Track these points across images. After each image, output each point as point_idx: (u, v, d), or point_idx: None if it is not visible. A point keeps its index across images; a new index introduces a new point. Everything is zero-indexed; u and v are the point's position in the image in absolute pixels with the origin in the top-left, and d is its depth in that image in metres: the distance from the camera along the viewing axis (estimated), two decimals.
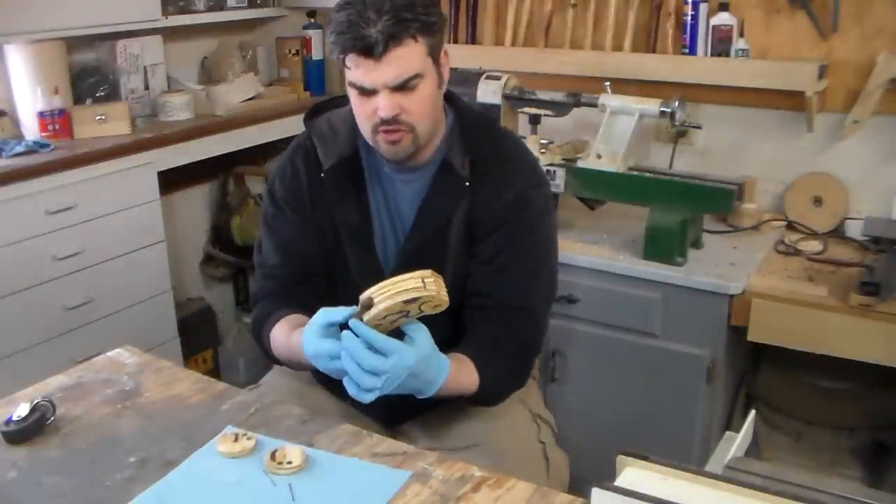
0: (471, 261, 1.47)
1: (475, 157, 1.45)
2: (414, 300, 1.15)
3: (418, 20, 1.29)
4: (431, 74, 1.36)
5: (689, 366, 2.13)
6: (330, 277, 1.54)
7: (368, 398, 1.19)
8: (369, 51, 1.28)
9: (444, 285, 1.18)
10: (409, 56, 1.30)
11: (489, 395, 1.41)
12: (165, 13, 2.85)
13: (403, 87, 1.32)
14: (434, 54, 1.36)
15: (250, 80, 3.15)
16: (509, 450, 1.46)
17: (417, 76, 1.32)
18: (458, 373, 1.30)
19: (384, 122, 1.35)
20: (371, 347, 1.16)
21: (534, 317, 1.48)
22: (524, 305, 1.46)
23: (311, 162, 1.51)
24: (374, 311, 1.15)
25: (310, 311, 1.32)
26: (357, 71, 1.32)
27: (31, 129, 2.57)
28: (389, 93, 1.32)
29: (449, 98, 1.50)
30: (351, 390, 1.20)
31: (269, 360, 1.53)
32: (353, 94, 1.37)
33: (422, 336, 1.21)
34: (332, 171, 1.48)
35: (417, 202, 1.47)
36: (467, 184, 1.44)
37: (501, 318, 1.44)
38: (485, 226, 1.45)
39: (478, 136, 1.47)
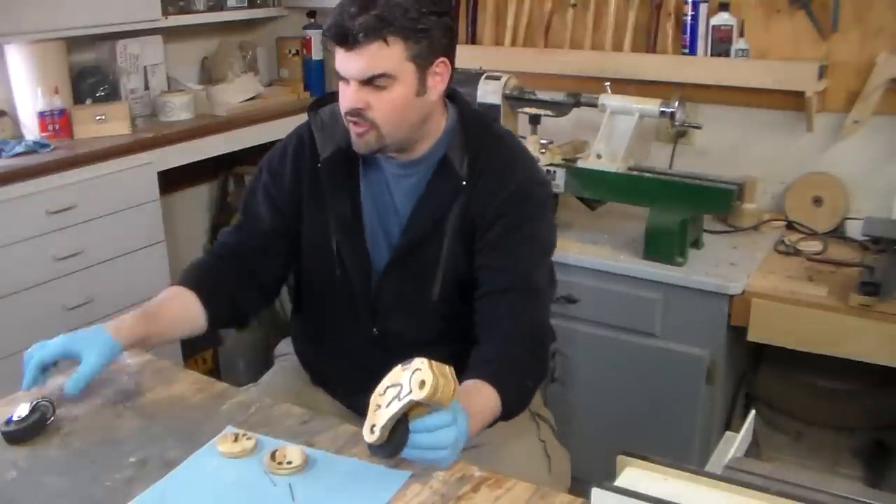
0: (469, 257, 1.46)
1: (473, 156, 1.45)
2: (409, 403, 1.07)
3: (402, 24, 1.31)
4: (408, 81, 1.35)
5: (689, 366, 2.13)
6: (305, 267, 1.56)
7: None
8: (344, 40, 1.31)
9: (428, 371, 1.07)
10: (381, 55, 1.31)
11: (515, 408, 1.36)
12: (165, 13, 2.85)
13: (371, 83, 1.34)
14: (420, 62, 1.35)
15: (250, 80, 3.15)
16: (510, 449, 1.46)
17: (385, 76, 1.33)
18: (477, 413, 1.23)
19: (348, 112, 1.38)
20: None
21: (542, 300, 1.47)
22: (531, 287, 1.44)
23: (303, 153, 1.52)
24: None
25: (233, 289, 1.48)
26: (336, 57, 1.36)
27: (31, 129, 2.57)
28: (357, 85, 1.35)
29: (451, 96, 1.50)
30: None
31: None
32: (338, 78, 1.40)
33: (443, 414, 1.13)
34: (329, 161, 1.49)
35: (413, 198, 1.47)
36: (464, 182, 1.45)
37: (510, 301, 1.41)
38: (486, 218, 1.45)
39: (476, 135, 1.48)
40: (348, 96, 1.36)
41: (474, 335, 1.43)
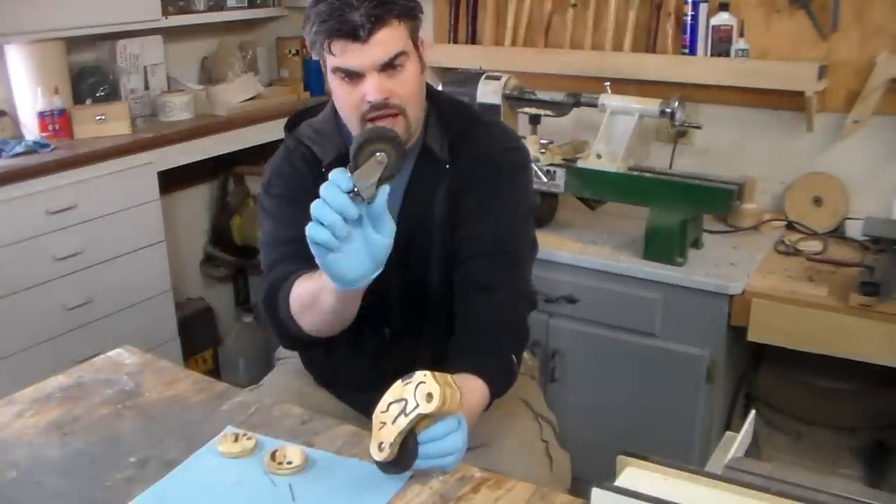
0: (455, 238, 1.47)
1: (453, 138, 1.47)
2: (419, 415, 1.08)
3: (398, 4, 1.33)
4: (414, 56, 1.38)
5: (689, 366, 2.13)
6: None
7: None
8: (355, 33, 1.30)
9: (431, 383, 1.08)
10: (392, 36, 1.33)
11: (503, 389, 1.38)
12: (165, 13, 2.85)
13: (391, 65, 1.34)
14: (415, 38, 1.39)
15: (250, 80, 3.15)
16: (513, 449, 1.46)
17: (402, 54, 1.34)
18: (471, 414, 1.25)
19: (374, 107, 1.35)
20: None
21: (521, 264, 1.46)
22: (508, 251, 1.44)
23: (309, 161, 1.51)
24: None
25: None
26: (343, 56, 1.33)
27: (31, 129, 2.57)
28: (377, 75, 1.34)
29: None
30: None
31: (277, 332, 1.43)
32: (337, 84, 1.38)
33: (449, 420, 1.15)
34: (333, 165, 1.48)
35: (401, 190, 1.48)
36: (447, 166, 1.46)
37: (486, 268, 1.41)
38: (465, 193, 1.46)
39: (454, 117, 1.50)
40: (372, 89, 1.34)
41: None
